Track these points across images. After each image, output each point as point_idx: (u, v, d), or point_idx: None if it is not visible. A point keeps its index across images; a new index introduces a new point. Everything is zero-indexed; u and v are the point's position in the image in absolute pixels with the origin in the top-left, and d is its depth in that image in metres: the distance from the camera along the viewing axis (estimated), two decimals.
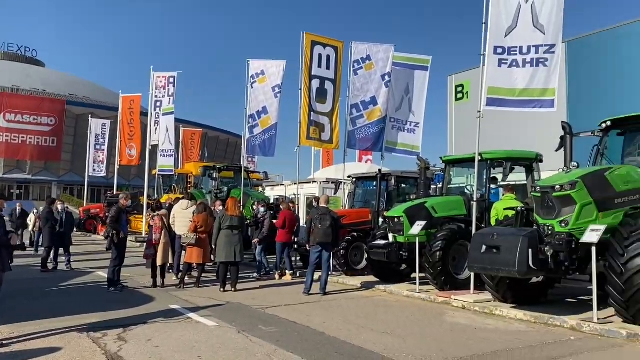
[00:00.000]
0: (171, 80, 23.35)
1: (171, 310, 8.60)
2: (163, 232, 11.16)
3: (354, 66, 14.78)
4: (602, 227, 7.11)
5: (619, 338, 6.74)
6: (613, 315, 7.35)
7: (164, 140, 22.75)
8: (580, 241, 7.24)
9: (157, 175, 24.69)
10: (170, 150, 22.61)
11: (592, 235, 7.07)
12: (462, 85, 29.92)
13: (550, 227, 7.53)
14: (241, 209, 11.27)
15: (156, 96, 23.76)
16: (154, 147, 24.03)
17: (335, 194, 16.32)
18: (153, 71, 23.92)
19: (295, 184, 16.38)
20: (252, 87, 16.13)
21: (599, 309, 7.33)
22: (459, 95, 30.39)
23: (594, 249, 7.07)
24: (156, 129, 23.72)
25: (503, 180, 10.22)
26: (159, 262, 11.03)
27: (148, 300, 9.57)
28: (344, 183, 15.61)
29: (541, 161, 10.87)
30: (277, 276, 12.54)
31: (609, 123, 8.89)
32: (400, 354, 6.08)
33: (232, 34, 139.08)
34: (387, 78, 14.85)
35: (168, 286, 11.03)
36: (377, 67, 14.86)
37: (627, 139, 9.20)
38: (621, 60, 22.96)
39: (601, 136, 9.03)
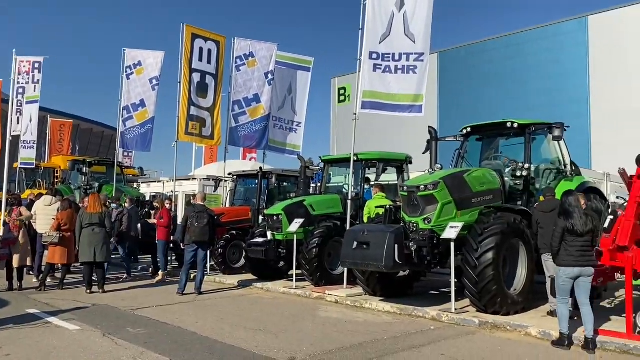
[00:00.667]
0: (37, 65, 21.37)
1: (28, 315, 7.93)
2: (22, 230, 10.22)
3: (236, 62, 14.64)
4: (460, 225, 7.73)
5: (472, 326, 7.37)
6: (469, 306, 8.05)
7: (26, 130, 20.81)
8: (441, 237, 7.80)
9: (18, 169, 22.55)
10: (32, 141, 20.70)
11: (451, 231, 7.66)
12: (344, 88, 30.94)
13: (415, 224, 8.01)
14: (103, 206, 10.49)
15: (19, 82, 21.56)
16: (16, 138, 21.90)
17: (215, 191, 16.04)
18: (16, 55, 21.77)
19: (173, 180, 15.85)
20: (128, 79, 15.36)
21: (457, 299, 7.95)
22: (342, 98, 31.41)
23: (452, 244, 7.66)
24: (18, 118, 21.61)
25: (376, 180, 10.71)
26: (15, 264, 10.06)
27: (1, 304, 8.72)
28: (225, 180, 15.40)
29: (411, 163, 11.57)
30: (162, 276, 11.86)
31: (468, 129, 9.70)
32: (271, 350, 6.13)
33: (108, 19, 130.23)
34: (270, 76, 14.90)
35: (27, 289, 10.14)
36: (260, 65, 14.85)
37: (484, 144, 10.12)
38: (486, 72, 25.13)
39: (462, 141, 9.82)
